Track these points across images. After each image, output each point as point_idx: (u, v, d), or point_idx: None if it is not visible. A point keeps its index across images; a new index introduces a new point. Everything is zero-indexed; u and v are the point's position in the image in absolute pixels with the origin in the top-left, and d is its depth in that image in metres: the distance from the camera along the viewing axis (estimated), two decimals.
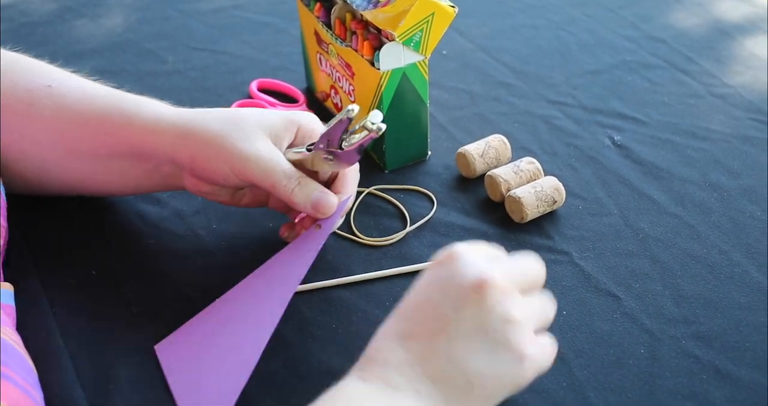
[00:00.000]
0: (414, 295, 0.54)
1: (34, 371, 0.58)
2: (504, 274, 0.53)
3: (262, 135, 0.66)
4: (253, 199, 0.72)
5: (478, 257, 0.53)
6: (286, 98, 0.92)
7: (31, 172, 0.71)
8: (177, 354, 0.63)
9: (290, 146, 0.69)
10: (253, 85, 0.92)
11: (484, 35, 1.03)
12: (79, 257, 0.72)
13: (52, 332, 0.65)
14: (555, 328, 0.66)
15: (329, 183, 0.70)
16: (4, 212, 0.68)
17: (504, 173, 0.77)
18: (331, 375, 0.62)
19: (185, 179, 0.69)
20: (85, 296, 0.69)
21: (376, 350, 0.53)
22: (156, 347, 0.64)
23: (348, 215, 0.77)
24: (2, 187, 0.69)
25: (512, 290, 0.52)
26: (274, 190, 0.65)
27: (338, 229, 0.75)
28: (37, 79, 0.70)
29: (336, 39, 0.80)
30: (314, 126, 0.69)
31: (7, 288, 0.63)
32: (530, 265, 0.56)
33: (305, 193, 0.65)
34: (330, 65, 0.84)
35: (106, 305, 0.68)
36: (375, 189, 0.80)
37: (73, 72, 0.74)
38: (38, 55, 0.76)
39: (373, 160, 0.83)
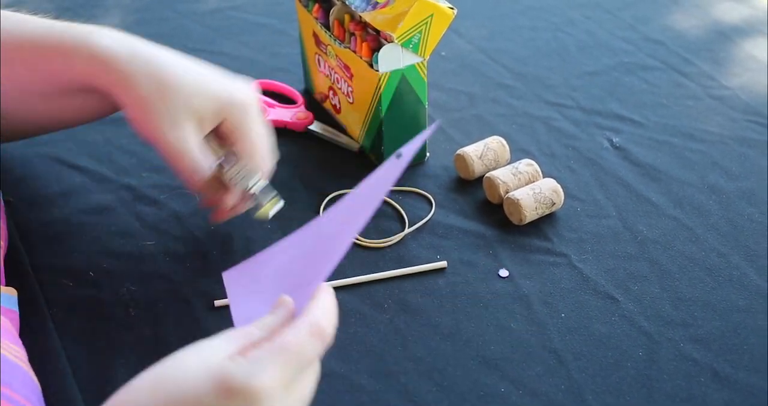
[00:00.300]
0: None
1: (38, 387, 0.58)
2: None
3: (185, 118, 0.65)
4: None
5: (281, 404, 0.48)
6: (285, 99, 0.92)
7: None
8: (242, 283, 0.62)
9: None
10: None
11: (483, 36, 1.03)
12: (77, 259, 0.72)
13: (50, 334, 0.65)
14: (554, 330, 0.66)
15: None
16: (3, 215, 0.67)
17: (502, 175, 0.77)
18: (328, 377, 0.62)
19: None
20: (83, 298, 0.68)
21: None
22: (224, 273, 0.64)
23: None
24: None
25: None
26: (171, 164, 0.66)
27: None
28: None
29: (335, 40, 0.80)
30: (243, 117, 0.67)
31: (9, 293, 0.63)
32: (312, 385, 0.51)
33: (207, 192, 0.67)
34: (328, 66, 0.84)
35: (104, 306, 0.68)
36: None
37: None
38: None
39: (371, 162, 0.83)
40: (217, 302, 0.68)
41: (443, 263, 0.71)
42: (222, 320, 0.67)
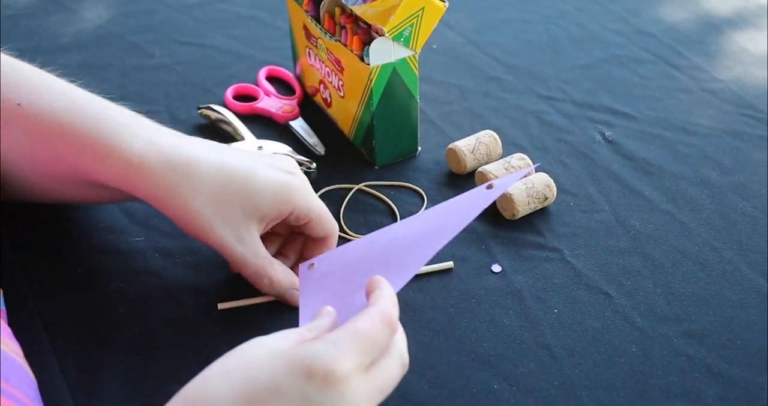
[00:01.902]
0: (272, 397, 0.47)
1: (35, 383, 0.57)
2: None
3: (246, 221, 0.63)
4: None
5: (356, 391, 0.48)
6: (287, 87, 0.91)
7: (15, 188, 0.68)
8: (314, 277, 0.62)
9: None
10: (262, 72, 0.92)
11: (475, 29, 1.02)
12: (65, 256, 0.71)
13: (38, 332, 0.64)
14: (546, 326, 0.66)
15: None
16: None
17: (495, 170, 0.76)
18: None
19: None
20: (72, 295, 0.68)
21: None
22: (300, 265, 0.65)
23: (337, 211, 0.76)
24: None
25: None
26: (243, 274, 0.65)
27: None
28: (8, 95, 0.65)
29: (325, 33, 0.79)
30: (310, 211, 0.65)
31: None
32: (398, 376, 0.52)
33: (276, 291, 0.65)
34: (319, 60, 0.83)
35: (93, 304, 0.67)
36: (364, 185, 0.79)
37: (48, 71, 0.69)
38: (22, 49, 0.75)
39: (363, 156, 0.82)
40: (221, 306, 0.67)
41: (450, 264, 0.70)
42: (211, 316, 0.66)
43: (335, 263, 0.63)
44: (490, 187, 0.60)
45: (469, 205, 0.59)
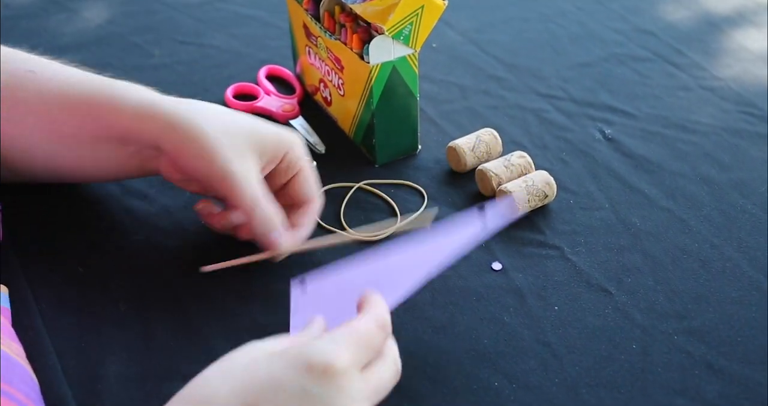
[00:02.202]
0: (272, 392, 0.47)
1: (37, 384, 0.57)
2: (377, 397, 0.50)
3: (249, 152, 0.65)
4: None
5: (354, 386, 0.48)
6: (287, 86, 0.92)
7: (18, 159, 0.70)
8: (305, 296, 0.63)
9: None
10: (262, 71, 0.92)
11: (474, 28, 1.02)
12: (66, 254, 0.71)
13: (39, 331, 0.64)
14: (547, 323, 0.66)
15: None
16: None
17: (495, 167, 0.76)
18: None
19: (162, 164, 0.69)
20: (72, 294, 0.68)
21: None
22: (292, 280, 0.64)
23: (337, 210, 0.76)
24: None
25: None
26: (232, 202, 0.66)
27: (327, 224, 0.75)
28: (19, 65, 0.69)
29: (325, 32, 0.79)
30: (301, 157, 0.69)
31: (1, 290, 0.62)
32: (392, 379, 0.53)
33: (262, 224, 0.66)
34: (319, 58, 0.83)
35: (93, 302, 0.67)
36: (365, 184, 0.79)
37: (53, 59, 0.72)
38: (21, 50, 0.75)
39: (363, 155, 0.82)
40: (206, 268, 0.67)
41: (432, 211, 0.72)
42: (213, 315, 0.66)
43: (328, 283, 0.64)
44: (481, 208, 0.63)
45: (464, 231, 0.62)
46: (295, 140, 0.69)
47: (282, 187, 0.70)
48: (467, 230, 0.62)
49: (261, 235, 0.66)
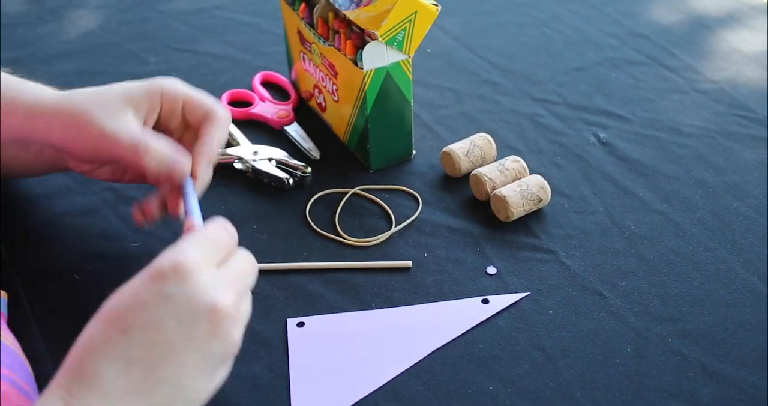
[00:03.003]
0: (137, 309, 0.49)
1: (32, 376, 0.57)
2: (233, 295, 0.51)
3: (123, 107, 0.64)
4: (133, 176, 0.70)
5: (208, 278, 0.50)
6: (281, 92, 0.92)
7: None
8: (305, 337, 0.65)
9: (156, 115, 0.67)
10: (257, 78, 0.93)
11: (469, 33, 1.03)
12: (61, 261, 0.71)
13: (34, 337, 0.64)
14: (541, 327, 0.66)
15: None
16: None
17: (489, 172, 0.77)
18: None
19: (68, 160, 0.69)
20: (67, 300, 0.68)
21: (92, 372, 0.48)
22: (289, 320, 0.66)
23: (332, 215, 0.76)
24: None
25: (241, 312, 0.51)
26: (124, 159, 0.64)
27: (322, 230, 0.75)
28: None
29: (319, 38, 0.79)
30: (178, 90, 0.67)
31: (3, 296, 0.62)
32: (250, 271, 0.54)
33: (157, 159, 0.63)
34: (313, 64, 0.84)
35: (89, 308, 0.67)
36: (359, 189, 0.79)
37: (44, 79, 0.72)
38: (18, 58, 0.75)
39: (358, 161, 0.83)
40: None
41: (408, 263, 0.71)
42: None
43: (326, 327, 0.66)
44: (485, 302, 0.67)
45: (463, 315, 0.67)
46: (166, 81, 0.67)
47: (185, 128, 0.68)
48: (467, 319, 0.66)
49: (160, 169, 0.64)
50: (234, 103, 0.91)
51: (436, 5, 0.74)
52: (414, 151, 0.83)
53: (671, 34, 1.01)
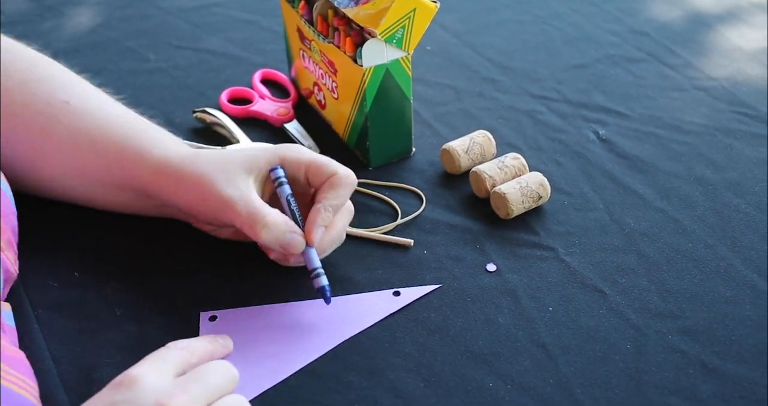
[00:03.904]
0: None
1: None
2: (184, 397, 0.52)
3: (244, 175, 0.65)
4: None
5: (157, 381, 0.52)
6: (283, 91, 0.92)
7: (39, 184, 0.71)
8: (217, 332, 0.64)
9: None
10: (257, 75, 0.93)
11: (469, 30, 1.03)
12: (61, 259, 0.71)
13: (35, 335, 0.64)
14: (541, 324, 0.66)
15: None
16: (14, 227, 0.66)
17: (489, 169, 0.77)
18: (315, 376, 0.62)
19: (191, 219, 0.71)
20: (68, 298, 0.68)
21: None
22: (202, 314, 0.66)
23: None
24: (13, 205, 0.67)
25: None
26: (242, 229, 0.64)
27: None
28: (57, 93, 0.70)
29: (318, 36, 0.79)
30: (300, 157, 0.67)
31: (7, 309, 0.62)
32: (216, 378, 0.55)
33: (272, 235, 0.63)
34: (313, 62, 0.84)
35: (89, 306, 0.67)
36: (358, 186, 0.79)
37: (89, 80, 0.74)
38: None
39: (358, 158, 0.83)
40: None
41: (409, 241, 0.73)
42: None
43: (238, 322, 0.66)
44: (397, 294, 0.68)
45: (374, 307, 0.67)
46: (288, 149, 0.68)
47: (310, 190, 0.69)
48: (379, 310, 0.67)
49: (275, 244, 0.64)
50: (234, 100, 0.90)
51: (435, 2, 0.74)
52: (414, 149, 0.83)
53: (671, 31, 1.01)
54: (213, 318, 0.66)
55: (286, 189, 0.66)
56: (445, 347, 0.64)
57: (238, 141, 0.83)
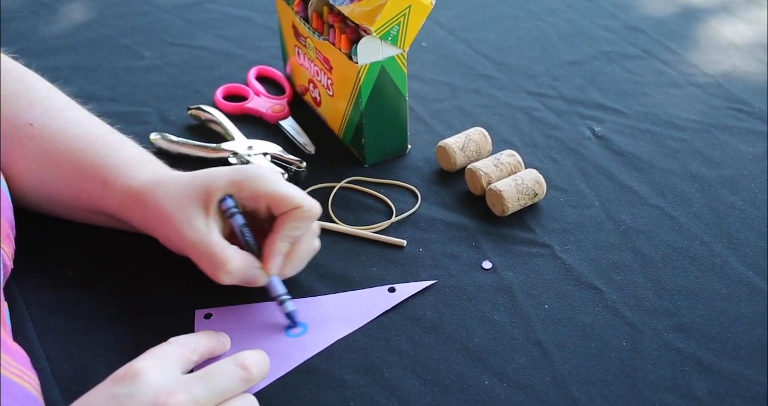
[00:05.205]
0: None
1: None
2: (185, 395, 0.52)
3: (203, 213, 0.63)
4: None
5: (159, 376, 0.52)
6: (279, 87, 0.92)
7: (17, 201, 0.70)
8: (215, 328, 0.65)
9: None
10: (252, 72, 0.92)
11: (464, 27, 1.02)
12: (55, 257, 0.71)
13: (28, 333, 0.64)
14: (537, 322, 0.66)
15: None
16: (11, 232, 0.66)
17: (484, 166, 0.77)
18: (311, 374, 0.62)
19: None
20: (62, 297, 0.68)
21: None
22: (197, 312, 0.66)
23: (326, 209, 0.76)
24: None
25: None
26: (206, 273, 0.64)
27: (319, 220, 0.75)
28: (22, 113, 0.69)
29: (313, 33, 0.79)
30: (258, 187, 0.64)
31: (4, 306, 0.62)
32: (223, 380, 0.55)
33: (234, 279, 0.63)
34: (308, 59, 0.83)
35: (83, 305, 0.67)
36: (353, 182, 0.79)
37: (39, 73, 0.73)
38: (12, 53, 0.75)
39: (353, 155, 0.82)
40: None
41: (403, 241, 0.72)
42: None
43: (233, 319, 0.66)
44: (392, 290, 0.68)
45: (370, 304, 0.67)
46: (243, 174, 0.64)
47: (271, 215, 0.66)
48: (374, 307, 0.67)
49: (238, 283, 0.64)
50: (229, 97, 0.90)
51: None
52: (409, 146, 0.83)
53: (667, 27, 1.01)
54: (208, 316, 0.66)
55: (239, 219, 0.64)
56: (441, 345, 0.64)
57: (233, 138, 0.83)
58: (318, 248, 0.68)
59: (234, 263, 0.62)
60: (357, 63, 0.74)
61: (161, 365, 0.54)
